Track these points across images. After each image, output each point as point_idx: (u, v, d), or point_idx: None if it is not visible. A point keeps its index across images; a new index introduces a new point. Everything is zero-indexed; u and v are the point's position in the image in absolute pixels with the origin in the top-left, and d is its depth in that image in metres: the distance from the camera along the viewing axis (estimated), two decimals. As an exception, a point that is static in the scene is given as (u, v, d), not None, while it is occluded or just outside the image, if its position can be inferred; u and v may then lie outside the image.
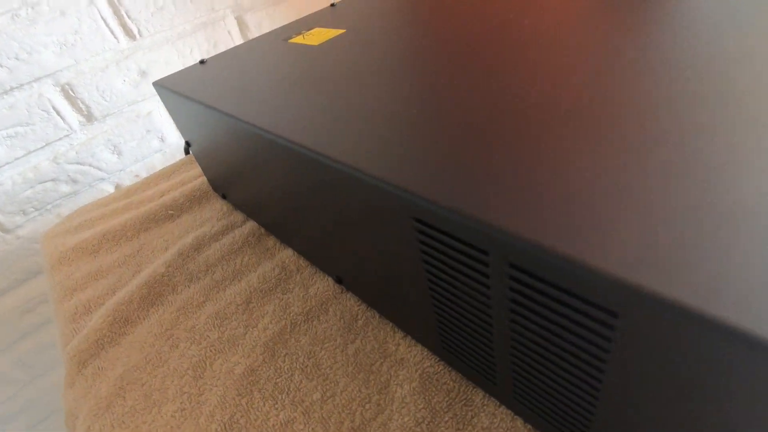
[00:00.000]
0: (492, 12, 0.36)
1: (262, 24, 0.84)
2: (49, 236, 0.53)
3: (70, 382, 0.35)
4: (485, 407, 0.26)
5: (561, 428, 0.22)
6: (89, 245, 0.48)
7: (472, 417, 0.26)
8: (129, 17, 0.69)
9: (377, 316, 0.33)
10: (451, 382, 0.28)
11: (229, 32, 0.81)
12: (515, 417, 0.25)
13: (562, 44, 0.28)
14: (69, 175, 0.71)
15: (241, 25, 0.82)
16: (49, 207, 0.71)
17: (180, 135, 0.80)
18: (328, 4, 0.90)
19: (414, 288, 0.25)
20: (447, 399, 0.27)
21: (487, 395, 0.27)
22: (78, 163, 0.71)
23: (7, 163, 0.65)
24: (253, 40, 0.48)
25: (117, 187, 0.77)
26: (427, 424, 0.26)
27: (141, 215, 0.50)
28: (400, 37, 0.37)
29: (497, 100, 0.24)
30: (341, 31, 0.43)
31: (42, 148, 0.67)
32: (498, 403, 0.26)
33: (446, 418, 0.26)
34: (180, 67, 0.77)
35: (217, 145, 0.39)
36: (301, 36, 0.45)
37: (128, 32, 0.70)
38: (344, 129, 0.25)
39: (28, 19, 0.61)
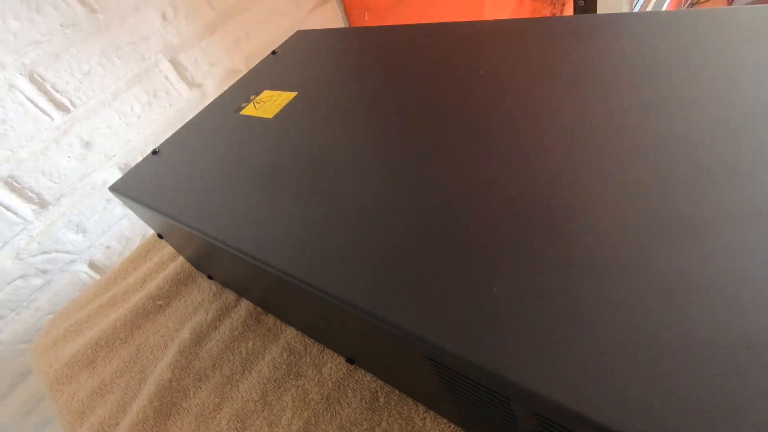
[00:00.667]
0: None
1: (198, 61, 0.80)
2: (38, 352, 0.51)
3: None
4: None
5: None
6: (84, 357, 0.47)
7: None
8: (57, 91, 0.65)
9: (396, 392, 0.34)
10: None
11: (166, 77, 0.76)
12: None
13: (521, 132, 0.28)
14: (37, 267, 0.68)
15: (177, 66, 0.77)
16: (25, 304, 0.68)
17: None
18: (260, 39, 0.86)
19: (435, 389, 0.25)
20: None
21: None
22: (43, 253, 0.68)
23: (-32, 275, 0.61)
24: (203, 112, 0.46)
25: (90, 264, 0.74)
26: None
27: (129, 312, 0.49)
28: (355, 102, 0.36)
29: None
30: (292, 94, 0.41)
31: (0, 248, 0.63)
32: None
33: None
34: (124, 128, 0.73)
35: (189, 238, 0.38)
36: (252, 105, 0.43)
37: (60, 106, 0.65)
38: (328, 255, 0.25)
39: (-52, 122, 0.56)
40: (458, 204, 0.24)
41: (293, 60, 0.47)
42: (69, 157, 0.68)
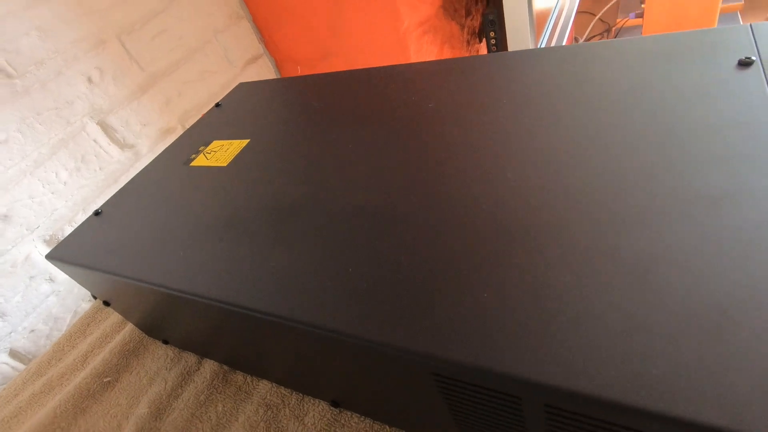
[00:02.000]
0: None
1: (129, 122, 0.77)
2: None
3: None
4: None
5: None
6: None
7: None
8: (-33, 162, 0.59)
9: (388, 428, 0.33)
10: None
11: (95, 140, 0.73)
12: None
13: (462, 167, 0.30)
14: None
15: (107, 129, 0.74)
16: (-72, 412, 0.57)
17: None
18: (194, 98, 0.86)
19: (435, 407, 0.25)
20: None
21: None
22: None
23: None
24: (148, 167, 0.44)
25: (11, 353, 0.65)
26: None
27: (71, 395, 0.43)
28: (309, 142, 0.37)
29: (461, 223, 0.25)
30: (245, 141, 0.41)
31: None
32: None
33: None
34: (49, 196, 0.67)
35: (143, 297, 0.35)
36: (202, 156, 0.42)
37: (-30, 179, 0.59)
38: (307, 289, 0.25)
39: None
40: (431, 224, 0.25)
41: (238, 110, 0.48)
42: (-17, 234, 0.61)
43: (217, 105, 0.51)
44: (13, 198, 0.64)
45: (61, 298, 0.70)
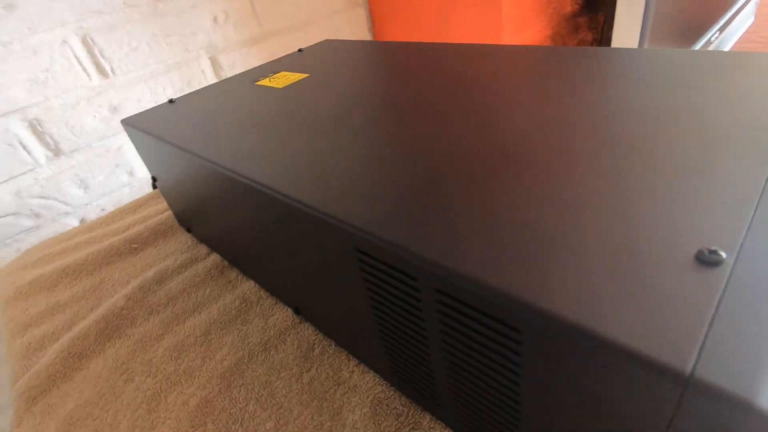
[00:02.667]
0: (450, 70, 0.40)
1: (235, 64, 0.87)
2: (3, 273, 0.52)
3: (17, 421, 0.34)
4: (432, 430, 0.27)
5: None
6: (47, 280, 0.47)
7: (419, 440, 0.27)
8: (103, 56, 0.71)
9: (333, 345, 0.34)
10: (401, 407, 0.29)
11: (202, 71, 0.84)
12: (459, 438, 0.26)
13: (508, 101, 0.31)
14: (32, 210, 0.70)
15: (215, 65, 0.85)
16: (8, 242, 0.69)
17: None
18: (296, 49, 0.95)
19: (361, 317, 0.26)
20: (396, 423, 0.28)
21: (434, 418, 0.28)
22: (42, 197, 0.71)
23: (-33, 197, 0.64)
24: (222, 81, 0.51)
25: (82, 221, 0.76)
26: (375, 449, 0.27)
27: (103, 249, 0.50)
28: (357, 84, 0.40)
29: (438, 146, 0.27)
30: (305, 75, 0.46)
31: (5, 182, 0.67)
32: (444, 426, 0.27)
33: (394, 442, 0.27)
34: (152, 104, 0.79)
35: (182, 181, 0.40)
36: (267, 79, 0.47)
37: (101, 70, 0.72)
38: (299, 168, 0.27)
39: None
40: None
41: (315, 56, 0.53)
42: (95, 116, 0.73)
43: (300, 50, 0.57)
44: (126, 96, 0.75)
45: (134, 191, 0.81)
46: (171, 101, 0.47)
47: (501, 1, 0.82)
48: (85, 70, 0.70)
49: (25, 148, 0.67)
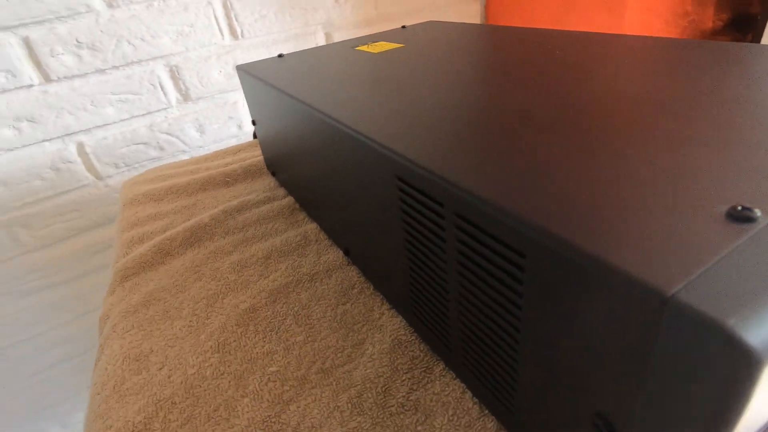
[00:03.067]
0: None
1: (346, 42, 0.93)
2: (128, 183, 0.62)
3: (111, 290, 0.41)
4: (442, 377, 0.28)
5: (494, 393, 0.23)
6: (157, 194, 0.56)
7: (427, 382, 0.28)
8: (236, 20, 0.81)
9: (371, 288, 0.36)
10: (418, 352, 0.30)
11: (316, 44, 0.91)
12: (465, 390, 0.27)
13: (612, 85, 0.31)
14: (158, 143, 0.82)
15: (329, 39, 0.91)
16: (136, 166, 0.82)
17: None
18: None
19: (395, 252, 0.28)
20: (410, 363, 0.29)
21: (447, 369, 0.28)
22: (168, 134, 0.83)
23: (113, 123, 0.77)
24: (327, 45, 0.55)
25: (194, 160, 0.87)
26: (385, 378, 0.28)
27: (202, 178, 0.58)
28: (446, 54, 0.42)
29: (507, 103, 0.27)
30: (401, 45, 0.48)
31: (143, 115, 0.79)
32: (454, 377, 0.28)
33: (404, 378, 0.28)
34: (268, 68, 0.87)
35: (275, 126, 0.45)
36: (366, 45, 0.51)
37: (233, 32, 0.81)
38: (365, 107, 0.30)
39: (159, 10, 0.74)
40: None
41: (414, 31, 0.55)
42: (220, 71, 0.83)
43: (403, 27, 0.59)
44: (249, 57, 0.85)
45: (239, 142, 0.90)
46: (280, 56, 0.52)
47: (625, 6, 0.77)
48: (220, 30, 0.80)
49: (163, 89, 0.79)
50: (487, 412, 0.25)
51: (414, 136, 0.24)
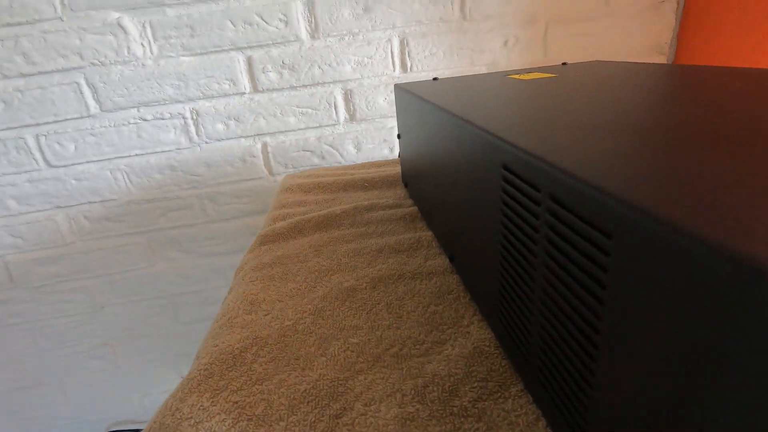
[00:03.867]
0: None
1: (507, 84, 0.94)
2: (288, 177, 0.73)
3: (250, 250, 0.48)
4: (517, 398, 0.25)
5: (566, 416, 0.20)
6: (306, 187, 0.65)
7: (499, 397, 0.26)
8: (409, 56, 0.90)
9: (468, 297, 0.35)
10: (498, 365, 0.28)
11: (477, 85, 0.94)
12: (540, 418, 0.24)
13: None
14: (321, 152, 0.95)
15: (490, 81, 0.94)
16: (300, 168, 0.96)
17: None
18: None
19: (492, 255, 0.27)
20: (486, 373, 0.27)
21: (524, 391, 0.26)
22: (331, 146, 0.95)
23: (292, 130, 0.92)
24: (480, 74, 0.57)
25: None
26: (456, 379, 0.27)
27: (346, 180, 0.64)
28: (596, 84, 0.40)
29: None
30: (554, 75, 0.48)
31: (315, 127, 0.92)
32: (531, 401, 0.25)
33: (475, 384, 0.26)
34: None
35: (415, 138, 0.48)
36: (518, 75, 0.51)
37: (404, 66, 0.91)
38: (495, 110, 0.30)
39: (347, 43, 0.87)
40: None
41: (574, 68, 0.54)
42: (385, 99, 0.92)
43: (563, 63, 0.58)
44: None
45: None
46: (435, 79, 0.56)
47: None
48: (393, 63, 0.90)
49: (335, 108, 0.92)
50: (558, 445, 0.22)
51: (521, 127, 0.24)
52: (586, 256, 0.17)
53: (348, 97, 0.91)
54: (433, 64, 0.91)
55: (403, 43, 0.89)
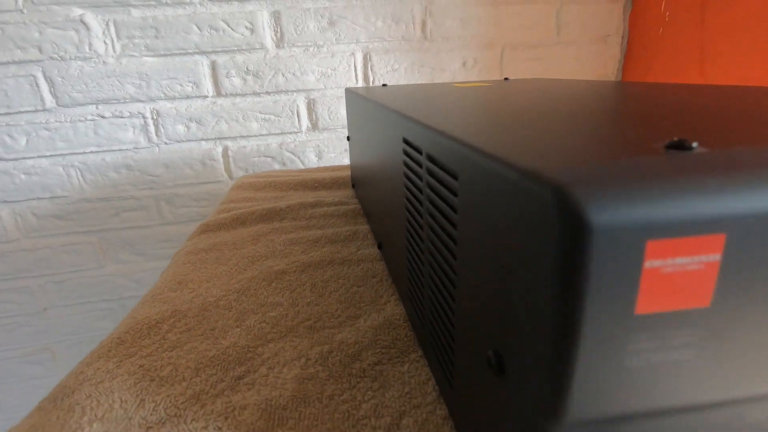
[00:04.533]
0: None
1: (465, 103, 0.99)
2: (243, 177, 0.73)
3: (190, 238, 0.49)
4: (415, 363, 0.27)
5: (442, 369, 0.22)
6: (257, 185, 0.65)
7: (398, 362, 0.27)
8: (371, 70, 0.93)
9: (389, 281, 0.37)
10: (404, 336, 0.29)
11: (437, 101, 0.98)
12: (431, 378, 0.25)
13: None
14: (283, 159, 0.96)
15: (449, 99, 0.98)
16: (259, 172, 0.96)
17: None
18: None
19: (401, 233, 0.29)
20: (391, 342, 0.28)
21: (422, 357, 0.27)
22: (292, 153, 0.96)
23: (254, 135, 0.93)
24: (428, 83, 0.60)
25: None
26: (360, 346, 0.28)
27: (297, 181, 0.66)
28: (518, 92, 0.43)
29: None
30: (490, 85, 0.51)
31: (277, 134, 0.94)
32: (426, 365, 0.26)
33: (378, 350, 0.27)
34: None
35: (361, 138, 0.50)
36: (462, 84, 0.55)
37: (366, 79, 0.94)
38: (416, 101, 0.33)
39: (312, 54, 0.90)
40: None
41: (514, 82, 0.57)
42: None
43: (506, 79, 0.62)
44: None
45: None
46: (384, 85, 0.59)
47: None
48: (356, 75, 0.93)
49: (298, 116, 0.93)
50: (442, 401, 0.23)
51: (423, 109, 0.26)
52: (445, 202, 0.18)
53: (311, 106, 0.93)
54: (395, 79, 0.95)
55: (366, 58, 0.92)
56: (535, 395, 0.12)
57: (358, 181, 0.55)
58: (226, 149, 0.93)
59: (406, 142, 0.25)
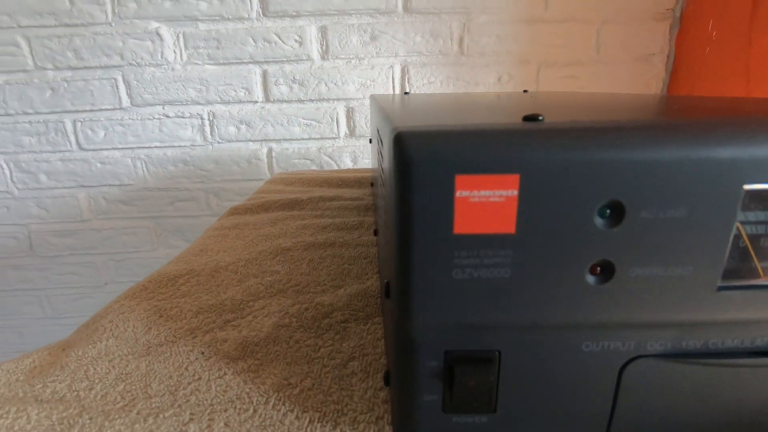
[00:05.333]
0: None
1: (499, 117, 1.01)
2: (279, 173, 0.80)
3: (219, 218, 0.55)
4: (377, 324, 0.30)
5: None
6: (289, 181, 0.72)
7: (364, 323, 0.30)
8: (409, 82, 0.98)
9: (374, 261, 0.40)
10: (375, 303, 0.33)
11: (471, 115, 1.01)
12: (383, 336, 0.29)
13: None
14: (320, 162, 1.03)
15: (483, 113, 1.01)
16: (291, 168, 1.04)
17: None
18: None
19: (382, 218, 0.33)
20: (362, 306, 0.32)
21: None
22: (329, 157, 1.03)
23: (296, 139, 1.01)
24: (452, 93, 0.64)
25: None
26: (333, 308, 0.32)
27: (324, 178, 0.71)
28: (531, 99, 0.46)
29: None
30: (502, 94, 0.54)
31: (317, 139, 1.01)
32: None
33: (347, 312, 0.31)
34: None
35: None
36: (482, 94, 0.58)
37: (403, 89, 0.99)
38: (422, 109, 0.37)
39: (353, 65, 0.96)
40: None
41: (534, 93, 0.60)
42: (384, 119, 1.00)
43: (525, 91, 0.65)
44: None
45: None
46: (406, 93, 0.64)
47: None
48: (393, 87, 0.99)
49: (337, 123, 1.00)
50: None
51: (417, 109, 0.30)
52: (383, 170, 0.22)
53: (350, 114, 1.00)
54: (431, 91, 0.99)
55: (404, 71, 0.97)
56: (397, 305, 0.16)
57: (374, 180, 0.60)
58: (270, 150, 1.01)
59: (392, 137, 0.29)
